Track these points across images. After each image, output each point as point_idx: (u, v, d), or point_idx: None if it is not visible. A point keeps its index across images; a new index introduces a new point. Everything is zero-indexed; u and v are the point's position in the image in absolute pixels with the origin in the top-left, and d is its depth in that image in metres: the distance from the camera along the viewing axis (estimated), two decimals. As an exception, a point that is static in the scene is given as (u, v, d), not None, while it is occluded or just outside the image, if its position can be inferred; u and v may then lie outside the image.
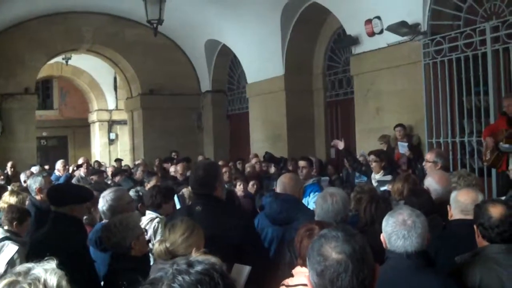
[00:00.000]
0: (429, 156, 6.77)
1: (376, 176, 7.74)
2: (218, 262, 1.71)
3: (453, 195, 4.20)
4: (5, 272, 4.30)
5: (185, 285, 1.56)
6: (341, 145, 8.54)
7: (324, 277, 2.14)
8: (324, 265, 2.14)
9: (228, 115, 18.72)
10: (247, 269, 3.26)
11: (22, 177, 10.02)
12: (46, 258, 1.93)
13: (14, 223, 5.32)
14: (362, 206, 4.68)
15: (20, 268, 1.88)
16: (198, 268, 1.61)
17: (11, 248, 4.57)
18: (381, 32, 10.72)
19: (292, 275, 3.26)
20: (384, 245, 3.27)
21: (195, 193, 4.52)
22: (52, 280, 1.82)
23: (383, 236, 3.27)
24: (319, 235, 2.30)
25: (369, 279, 2.15)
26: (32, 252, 4.24)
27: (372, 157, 8.00)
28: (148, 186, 8.14)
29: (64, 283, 1.85)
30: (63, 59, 21.50)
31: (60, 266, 1.90)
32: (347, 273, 2.11)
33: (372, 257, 2.22)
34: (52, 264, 1.89)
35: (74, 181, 10.50)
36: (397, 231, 3.18)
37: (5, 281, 1.81)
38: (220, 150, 17.99)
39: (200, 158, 14.79)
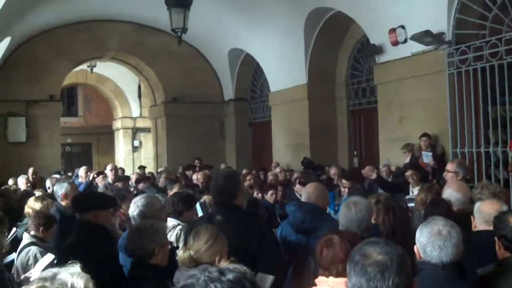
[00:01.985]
0: (450, 166, 6.72)
1: (414, 191, 7.71)
2: (249, 271, 1.73)
3: (476, 205, 4.16)
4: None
5: None
6: (373, 176, 8.61)
7: (362, 276, 2.18)
8: (362, 264, 2.21)
9: (251, 123, 18.75)
10: (270, 278, 3.27)
11: (48, 183, 10.13)
12: (69, 262, 1.95)
13: (41, 229, 5.38)
14: (380, 217, 4.65)
15: (46, 273, 1.90)
16: (230, 276, 1.64)
17: (48, 257, 4.62)
18: (405, 41, 10.67)
19: (315, 284, 3.26)
20: (417, 256, 3.25)
21: (216, 201, 4.54)
22: (79, 283, 1.84)
23: (416, 247, 3.25)
24: (362, 242, 2.38)
25: (404, 287, 2.17)
26: (60, 261, 4.28)
27: (410, 171, 8.04)
28: (170, 193, 8.17)
29: (91, 285, 1.87)
30: (88, 66, 21.72)
31: (85, 270, 1.92)
32: (383, 274, 2.16)
33: (410, 269, 2.26)
34: (76, 267, 1.91)
35: (101, 187, 10.59)
36: (432, 241, 3.15)
37: (33, 287, 1.83)
38: (243, 158, 18.02)
39: (222, 166, 14.82)
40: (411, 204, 6.70)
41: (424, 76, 10.47)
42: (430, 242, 3.16)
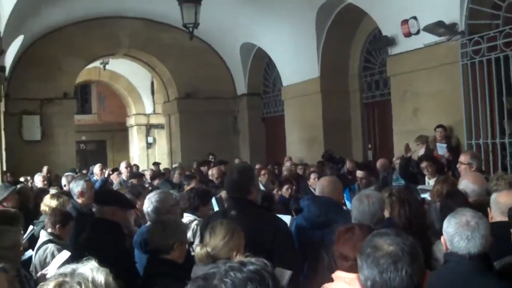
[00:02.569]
0: (463, 158, 6.66)
1: (430, 182, 7.67)
2: (270, 264, 1.76)
3: (493, 197, 4.13)
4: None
5: (236, 281, 1.63)
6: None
7: (374, 268, 2.17)
8: (374, 256, 2.20)
9: (264, 118, 18.74)
10: (288, 273, 3.26)
11: (63, 181, 10.19)
12: (85, 258, 1.96)
13: (57, 226, 5.42)
14: (396, 211, 4.62)
15: (65, 269, 1.90)
16: (251, 267, 1.69)
17: (64, 253, 4.66)
18: (417, 32, 10.61)
19: (332, 279, 3.25)
20: (444, 247, 3.24)
21: (230, 196, 4.56)
22: (100, 277, 1.85)
23: (443, 238, 3.22)
24: (372, 233, 2.38)
25: (417, 277, 2.17)
26: (74, 257, 4.31)
27: (425, 163, 7.99)
28: (187, 188, 8.20)
29: (111, 279, 1.88)
30: (101, 63, 21.78)
31: (101, 265, 1.93)
32: (396, 265, 2.16)
33: (422, 259, 2.26)
34: (93, 262, 1.92)
35: (116, 184, 10.63)
36: (460, 232, 3.12)
37: (53, 283, 1.83)
38: (256, 153, 18.01)
39: (236, 161, 14.83)
40: (424, 195, 6.67)
41: (437, 67, 10.42)
42: (458, 232, 3.13)
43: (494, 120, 9.62)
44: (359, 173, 8.25)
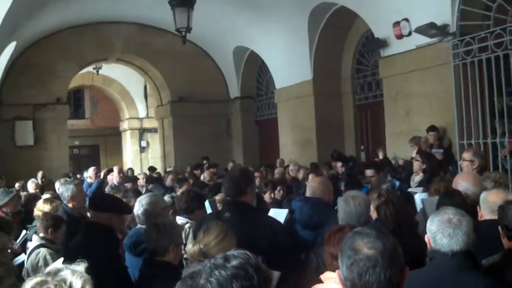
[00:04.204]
0: (465, 154, 6.65)
1: (415, 178, 7.68)
2: (253, 257, 1.80)
3: (482, 195, 4.16)
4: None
5: (221, 279, 1.66)
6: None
7: (353, 270, 2.18)
8: (354, 259, 2.20)
9: (257, 121, 18.77)
10: (276, 274, 3.26)
11: (57, 185, 10.18)
12: (78, 260, 2.01)
13: (49, 230, 5.42)
14: (382, 212, 4.59)
15: (51, 268, 1.97)
16: (234, 262, 1.72)
17: (60, 261, 4.66)
18: (409, 34, 10.65)
19: (320, 281, 3.24)
20: (428, 245, 3.25)
21: (227, 194, 4.61)
22: (77, 283, 1.89)
23: (427, 236, 3.24)
24: (353, 232, 2.36)
25: (397, 278, 2.18)
26: (65, 261, 4.31)
27: (417, 156, 7.98)
28: (179, 191, 8.21)
29: (88, 287, 1.91)
30: (94, 68, 21.77)
31: (88, 270, 1.97)
32: (375, 269, 2.15)
33: (402, 258, 2.25)
34: (81, 267, 1.97)
35: (107, 188, 10.62)
36: (443, 229, 3.14)
37: (35, 280, 1.90)
38: (250, 156, 18.05)
39: (230, 164, 14.85)
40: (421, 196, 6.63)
41: (429, 68, 10.46)
42: (440, 230, 3.15)
43: (486, 120, 9.64)
44: (368, 172, 8.18)
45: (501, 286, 3.15)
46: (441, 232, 3.14)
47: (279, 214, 5.63)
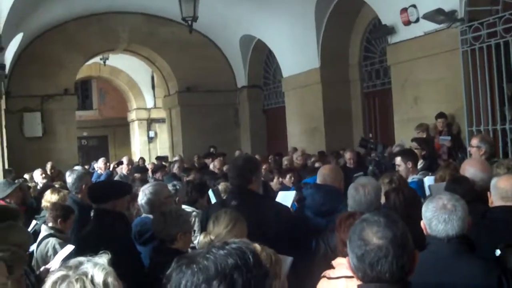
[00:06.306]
0: (473, 141, 6.64)
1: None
2: (252, 244, 1.87)
3: (493, 181, 4.13)
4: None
5: (217, 256, 1.70)
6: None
7: (364, 261, 2.16)
8: (364, 250, 2.17)
9: (265, 110, 18.72)
10: (289, 259, 3.26)
11: (67, 175, 10.18)
12: (100, 252, 1.99)
13: (59, 220, 5.44)
14: (391, 200, 4.54)
15: (73, 262, 1.93)
16: (233, 245, 1.76)
17: (68, 248, 4.67)
18: (417, 20, 10.57)
19: (332, 267, 3.23)
20: (424, 231, 3.24)
21: (232, 183, 4.59)
22: (99, 276, 1.87)
23: (423, 223, 3.24)
24: (360, 219, 2.34)
25: (408, 265, 2.16)
26: (78, 249, 4.32)
27: (414, 144, 7.93)
28: (185, 180, 8.23)
29: (110, 279, 1.89)
30: (101, 59, 21.80)
31: (111, 262, 1.95)
32: (387, 258, 2.14)
33: (412, 243, 2.23)
34: (103, 259, 1.94)
35: (116, 179, 10.65)
36: (438, 215, 3.14)
37: (57, 275, 1.88)
38: (257, 145, 18.01)
39: (237, 153, 14.84)
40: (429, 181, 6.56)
41: (437, 55, 10.38)
42: (435, 216, 3.15)
43: (495, 107, 9.58)
44: (397, 160, 8.06)
45: (499, 271, 3.13)
46: (436, 218, 3.15)
47: (286, 196, 5.63)
